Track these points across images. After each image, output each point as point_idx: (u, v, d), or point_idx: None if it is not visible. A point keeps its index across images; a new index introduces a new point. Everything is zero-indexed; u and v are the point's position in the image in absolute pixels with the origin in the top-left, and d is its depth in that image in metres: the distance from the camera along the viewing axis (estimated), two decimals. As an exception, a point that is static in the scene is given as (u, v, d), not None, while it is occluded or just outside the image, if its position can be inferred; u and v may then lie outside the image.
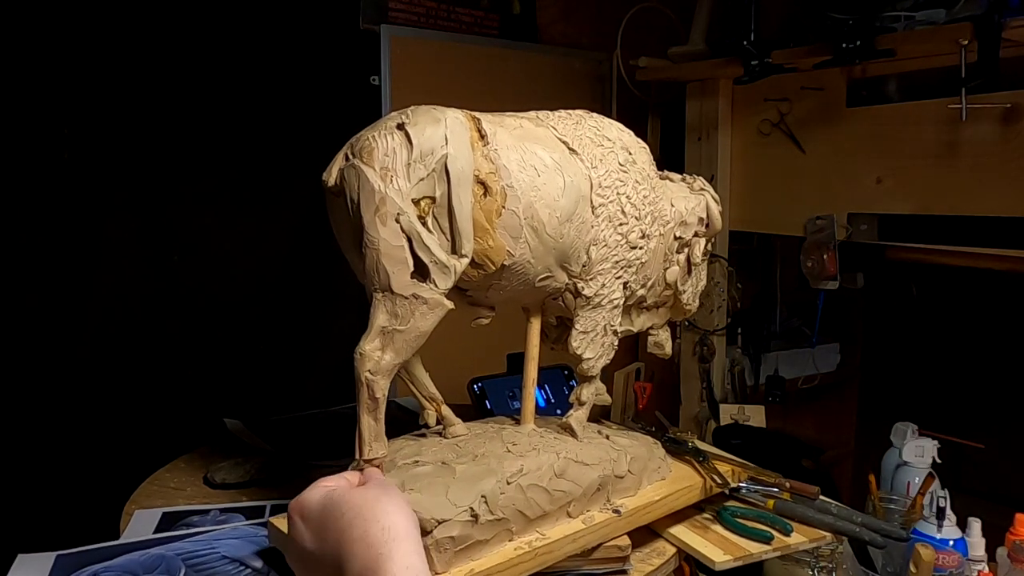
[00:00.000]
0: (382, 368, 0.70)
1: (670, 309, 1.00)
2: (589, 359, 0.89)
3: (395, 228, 0.70)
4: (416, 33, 1.67)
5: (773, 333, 2.09)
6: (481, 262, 0.77)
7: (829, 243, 1.57)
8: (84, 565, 0.81)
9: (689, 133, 1.85)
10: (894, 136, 1.47)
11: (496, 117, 0.81)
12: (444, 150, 0.72)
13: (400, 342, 0.71)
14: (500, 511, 0.73)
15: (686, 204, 0.95)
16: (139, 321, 1.44)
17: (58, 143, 1.35)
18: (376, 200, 0.69)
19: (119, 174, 1.40)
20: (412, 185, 0.71)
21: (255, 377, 1.54)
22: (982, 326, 1.97)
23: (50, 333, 1.37)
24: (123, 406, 1.41)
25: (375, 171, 0.70)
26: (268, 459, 1.11)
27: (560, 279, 0.84)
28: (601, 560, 0.81)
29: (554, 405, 1.33)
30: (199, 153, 1.47)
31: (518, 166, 0.77)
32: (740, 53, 1.60)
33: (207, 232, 1.50)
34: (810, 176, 1.63)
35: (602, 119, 0.89)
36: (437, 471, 0.77)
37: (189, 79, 1.44)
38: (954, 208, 1.40)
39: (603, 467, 0.83)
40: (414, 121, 0.73)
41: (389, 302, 0.70)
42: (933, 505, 1.17)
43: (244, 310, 1.54)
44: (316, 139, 1.48)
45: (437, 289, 0.72)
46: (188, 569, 0.81)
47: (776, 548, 0.88)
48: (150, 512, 0.96)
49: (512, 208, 0.76)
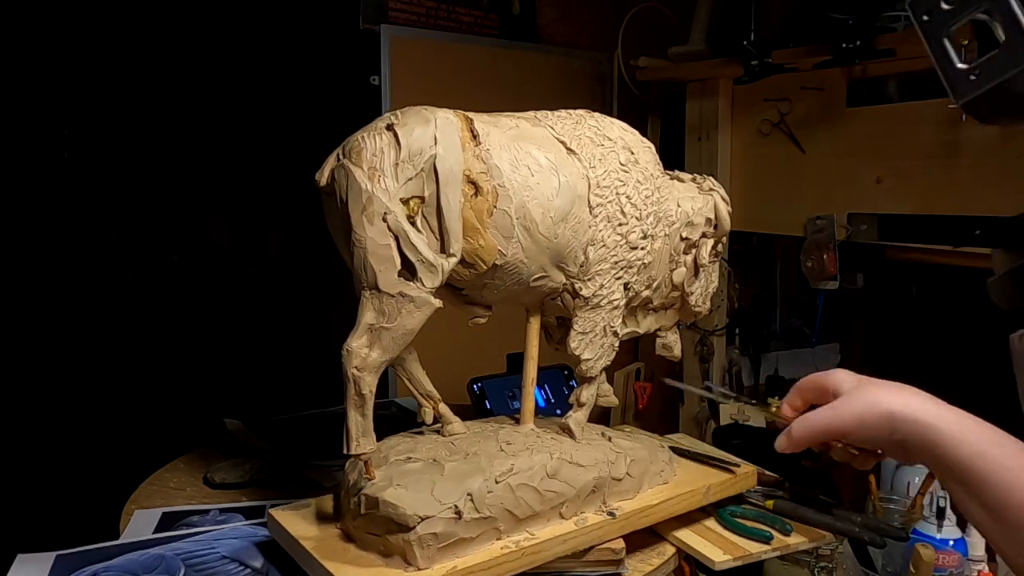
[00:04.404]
0: (369, 365, 0.71)
1: (678, 311, 0.99)
2: (588, 360, 0.89)
3: (382, 227, 0.70)
4: (416, 33, 1.67)
5: (773, 333, 2.09)
6: (472, 261, 0.77)
7: (829, 243, 1.56)
8: (84, 565, 0.81)
9: (689, 133, 1.85)
10: (894, 136, 1.47)
11: (491, 117, 0.81)
12: (433, 150, 0.73)
13: (387, 340, 0.72)
14: (487, 510, 0.73)
15: (693, 204, 0.93)
16: (139, 321, 1.44)
17: (58, 143, 1.35)
18: (363, 199, 0.70)
19: (119, 174, 1.40)
20: (400, 185, 0.72)
21: (255, 377, 1.54)
22: (982, 326, 1.96)
23: (50, 333, 1.37)
24: (123, 406, 1.41)
25: (363, 171, 0.71)
26: (268, 459, 1.11)
27: (556, 279, 0.84)
28: (594, 563, 0.80)
29: (554, 405, 1.32)
30: (199, 153, 1.47)
31: (511, 166, 0.77)
32: (740, 53, 1.60)
33: (207, 232, 1.50)
34: (810, 176, 1.63)
35: (604, 119, 0.89)
36: (426, 468, 0.77)
37: (189, 79, 1.44)
38: (954, 208, 1.40)
39: (599, 469, 0.82)
40: (403, 122, 0.74)
41: (376, 300, 0.71)
42: (933, 505, 1.17)
43: (244, 310, 1.54)
44: (316, 139, 1.47)
45: (424, 288, 0.72)
46: (188, 569, 0.81)
47: (776, 548, 0.88)
48: (150, 512, 0.96)
49: (504, 208, 0.77)
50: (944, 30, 0.52)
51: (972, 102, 0.52)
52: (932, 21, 0.53)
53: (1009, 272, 0.58)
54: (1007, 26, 0.48)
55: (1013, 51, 0.49)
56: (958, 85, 0.53)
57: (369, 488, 0.73)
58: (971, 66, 0.52)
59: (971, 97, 0.52)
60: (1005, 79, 0.50)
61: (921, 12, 0.53)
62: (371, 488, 0.73)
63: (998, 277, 0.60)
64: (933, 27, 0.53)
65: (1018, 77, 0.49)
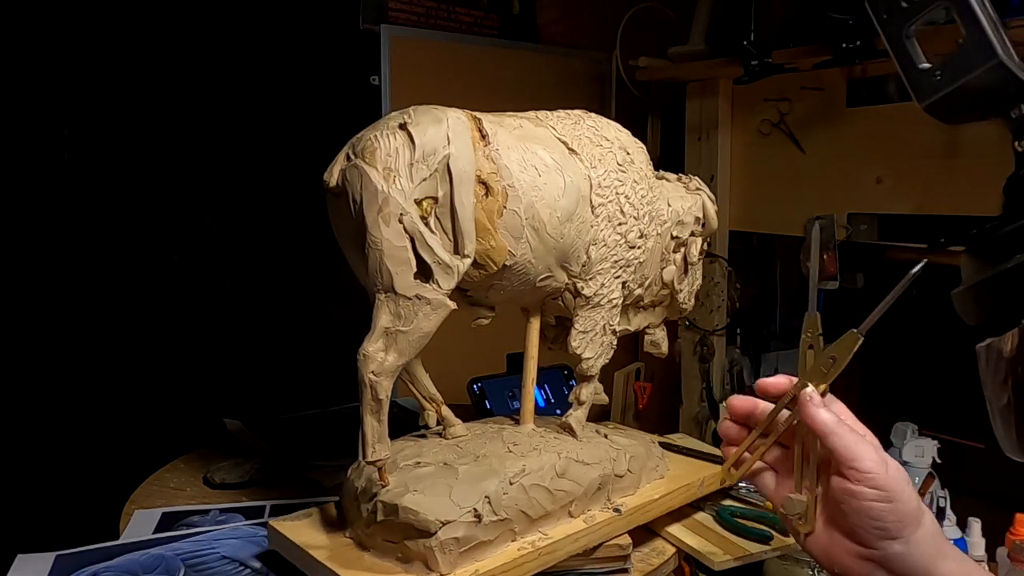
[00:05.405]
0: (386, 369, 0.70)
1: (666, 308, 1.01)
2: (589, 358, 0.89)
3: (398, 229, 0.69)
4: (416, 33, 1.67)
5: (773, 333, 2.09)
6: (483, 262, 0.77)
7: (829, 243, 1.57)
8: (84, 565, 0.81)
9: (689, 133, 1.85)
10: (894, 136, 1.47)
11: (496, 117, 0.81)
12: (446, 150, 0.72)
13: (403, 343, 0.71)
14: (503, 511, 0.73)
15: (682, 204, 0.95)
16: (139, 321, 1.44)
17: (58, 143, 1.35)
18: (379, 201, 0.69)
19: (119, 174, 1.40)
20: (415, 185, 0.71)
21: (255, 377, 1.54)
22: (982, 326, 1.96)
23: (50, 333, 1.37)
24: (123, 406, 1.41)
25: (378, 171, 0.69)
26: (268, 459, 1.11)
27: (560, 279, 0.84)
28: (602, 559, 0.81)
29: (554, 405, 1.32)
30: (199, 153, 1.47)
31: (519, 166, 0.77)
32: (740, 53, 1.60)
33: (207, 232, 1.50)
34: (810, 176, 1.63)
35: (600, 119, 0.89)
36: (440, 472, 0.77)
37: (189, 79, 1.44)
38: (954, 208, 1.40)
39: (603, 466, 0.83)
40: (416, 121, 0.72)
41: (392, 303, 0.70)
42: (933, 505, 1.17)
43: (244, 310, 1.54)
44: (316, 139, 1.48)
45: (440, 290, 0.72)
46: (188, 569, 0.81)
47: (776, 548, 0.88)
48: (150, 512, 0.96)
49: (513, 208, 0.76)
50: (905, 28, 0.51)
51: (934, 104, 0.51)
52: (891, 19, 0.51)
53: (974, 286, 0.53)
54: (967, 24, 0.47)
55: (973, 50, 0.47)
56: (920, 86, 0.51)
57: (385, 494, 0.72)
58: (933, 67, 0.50)
59: (934, 99, 0.51)
60: (968, 79, 0.48)
61: (880, 10, 0.51)
62: (388, 495, 0.72)
63: (963, 289, 0.55)
64: (893, 26, 0.51)
65: (980, 76, 0.48)
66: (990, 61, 0.47)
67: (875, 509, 0.53)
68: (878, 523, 0.53)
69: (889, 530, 0.54)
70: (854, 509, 0.54)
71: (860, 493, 0.54)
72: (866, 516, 0.54)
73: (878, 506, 0.53)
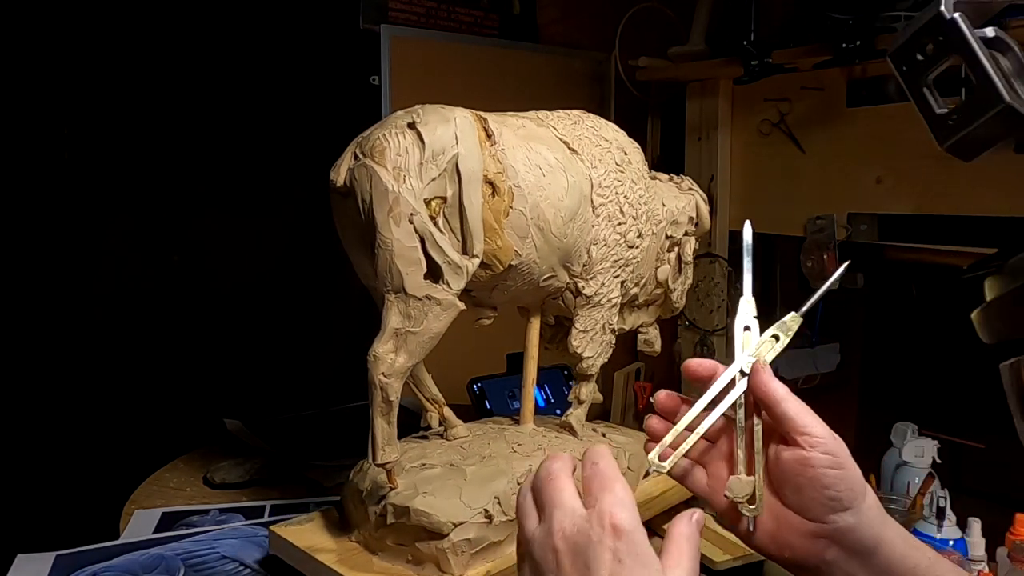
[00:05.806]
0: (396, 370, 0.70)
1: (660, 307, 1.01)
2: (589, 357, 0.89)
3: (409, 229, 0.69)
4: (416, 33, 1.67)
5: (773, 333, 2.09)
6: (490, 262, 0.77)
7: (829, 243, 1.57)
8: (84, 565, 0.81)
9: (689, 133, 1.85)
10: (894, 136, 1.47)
11: (500, 117, 0.81)
12: (455, 149, 0.72)
13: (414, 344, 0.70)
14: (513, 512, 0.73)
15: (676, 203, 0.95)
16: (139, 321, 1.44)
17: (58, 143, 1.35)
18: (389, 200, 0.68)
19: (119, 174, 1.40)
20: (424, 185, 0.70)
21: (255, 377, 1.54)
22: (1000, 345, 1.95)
23: (50, 333, 1.37)
24: (123, 406, 1.41)
25: (388, 171, 0.69)
26: (268, 459, 1.11)
27: (562, 279, 0.84)
28: None
29: (553, 405, 1.33)
30: (199, 153, 1.47)
31: (524, 166, 0.77)
32: (740, 53, 1.60)
33: (207, 232, 1.50)
34: (810, 176, 1.63)
35: (598, 119, 0.90)
36: (447, 473, 0.76)
37: (189, 79, 1.44)
38: (954, 208, 1.40)
39: (605, 465, 0.83)
40: (425, 120, 0.72)
41: (402, 303, 0.70)
42: (933, 505, 1.17)
43: (244, 310, 1.54)
44: (316, 139, 1.48)
45: (450, 290, 0.71)
46: (187, 569, 0.81)
47: (776, 548, 0.88)
48: (150, 512, 0.96)
49: (519, 208, 0.76)
50: (922, 79, 0.55)
51: (954, 145, 0.55)
52: (910, 72, 0.56)
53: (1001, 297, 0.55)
54: (975, 73, 0.52)
55: (982, 97, 0.52)
56: (939, 130, 0.56)
57: (395, 497, 0.72)
58: (948, 112, 0.55)
59: (952, 141, 0.55)
60: (978, 124, 0.53)
61: (900, 64, 0.56)
62: (397, 497, 0.72)
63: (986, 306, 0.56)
64: (911, 77, 0.56)
65: (989, 121, 0.52)
66: (998, 105, 0.51)
67: (828, 476, 0.54)
68: (830, 491, 0.54)
69: (841, 499, 0.54)
70: (808, 479, 0.54)
71: (814, 459, 0.54)
72: (819, 485, 0.54)
73: (831, 472, 0.54)
